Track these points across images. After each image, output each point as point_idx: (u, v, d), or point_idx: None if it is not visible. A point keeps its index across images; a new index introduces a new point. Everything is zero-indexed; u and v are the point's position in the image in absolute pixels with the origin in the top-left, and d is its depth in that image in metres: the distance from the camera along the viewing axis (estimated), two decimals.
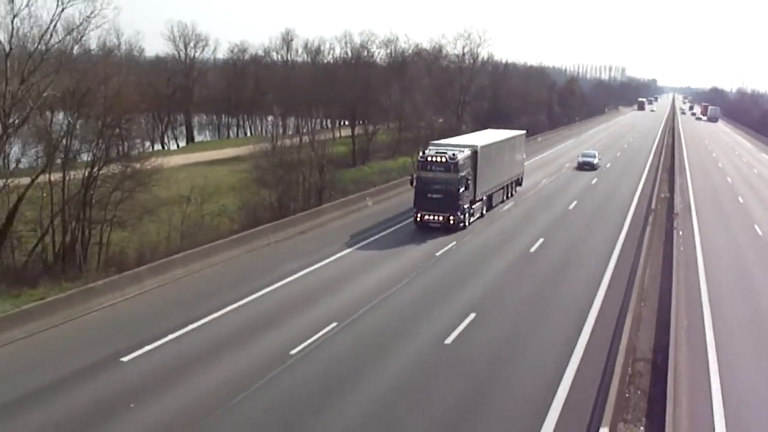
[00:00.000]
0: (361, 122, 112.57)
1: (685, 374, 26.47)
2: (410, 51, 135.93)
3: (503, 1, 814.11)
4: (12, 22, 44.61)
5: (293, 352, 27.23)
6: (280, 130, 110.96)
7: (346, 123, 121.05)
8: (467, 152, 50.60)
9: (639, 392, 25.19)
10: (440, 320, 31.47)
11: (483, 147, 53.66)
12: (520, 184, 68.12)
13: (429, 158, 48.80)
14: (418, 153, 52.20)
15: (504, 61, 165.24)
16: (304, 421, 22.17)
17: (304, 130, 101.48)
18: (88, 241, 46.85)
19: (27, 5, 45.09)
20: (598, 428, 20.42)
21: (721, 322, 33.14)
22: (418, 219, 49.06)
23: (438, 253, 43.21)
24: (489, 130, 73.15)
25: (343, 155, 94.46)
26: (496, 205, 58.26)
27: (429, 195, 48.46)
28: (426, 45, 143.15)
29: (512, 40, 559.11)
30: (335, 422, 22.28)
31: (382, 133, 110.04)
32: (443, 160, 48.28)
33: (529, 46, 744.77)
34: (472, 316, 31.93)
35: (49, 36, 46.03)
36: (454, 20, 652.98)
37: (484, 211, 54.75)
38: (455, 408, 23.55)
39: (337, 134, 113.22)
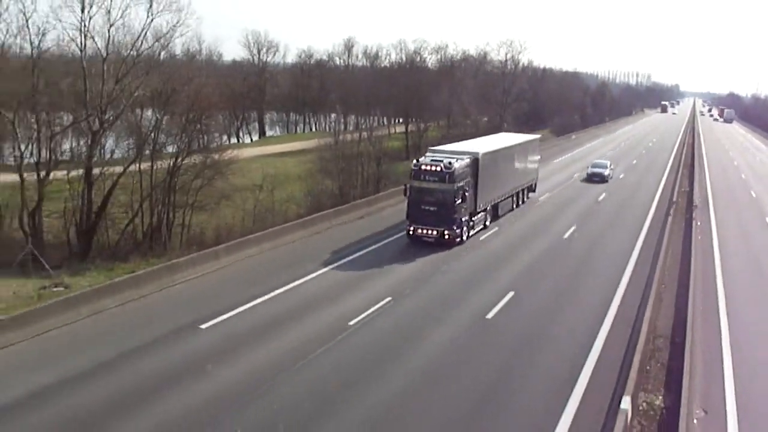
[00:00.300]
0: (413, 120, 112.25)
1: (701, 350, 26.19)
2: (458, 57, 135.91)
3: (543, 13, 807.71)
4: (108, 31, 45.73)
5: (352, 323, 27.36)
6: (342, 127, 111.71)
7: (401, 121, 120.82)
8: (466, 160, 41.96)
9: (659, 365, 25.01)
10: (482, 298, 31.34)
11: (485, 154, 44.46)
12: (533, 191, 58.05)
13: (423, 167, 40.25)
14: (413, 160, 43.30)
15: (542, 66, 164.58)
16: (363, 379, 22.46)
17: (363, 127, 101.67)
18: (172, 223, 47.67)
19: (121, 17, 46.16)
20: (622, 396, 20.29)
21: (734, 304, 32.68)
22: (411, 232, 41.01)
23: (482, 238, 43.08)
24: (501, 134, 64.36)
25: (397, 149, 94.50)
26: (504, 214, 49.52)
27: (422, 207, 40.25)
28: (472, 52, 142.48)
29: (550, 47, 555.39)
30: (392, 381, 22.55)
31: (433, 129, 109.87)
32: (438, 169, 39.71)
33: (565, 53, 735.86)
34: (510, 294, 31.83)
35: (140, 43, 47.16)
36: (498, 30, 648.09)
37: (488, 222, 45.99)
38: (497, 367, 23.99)
39: (392, 131, 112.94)
